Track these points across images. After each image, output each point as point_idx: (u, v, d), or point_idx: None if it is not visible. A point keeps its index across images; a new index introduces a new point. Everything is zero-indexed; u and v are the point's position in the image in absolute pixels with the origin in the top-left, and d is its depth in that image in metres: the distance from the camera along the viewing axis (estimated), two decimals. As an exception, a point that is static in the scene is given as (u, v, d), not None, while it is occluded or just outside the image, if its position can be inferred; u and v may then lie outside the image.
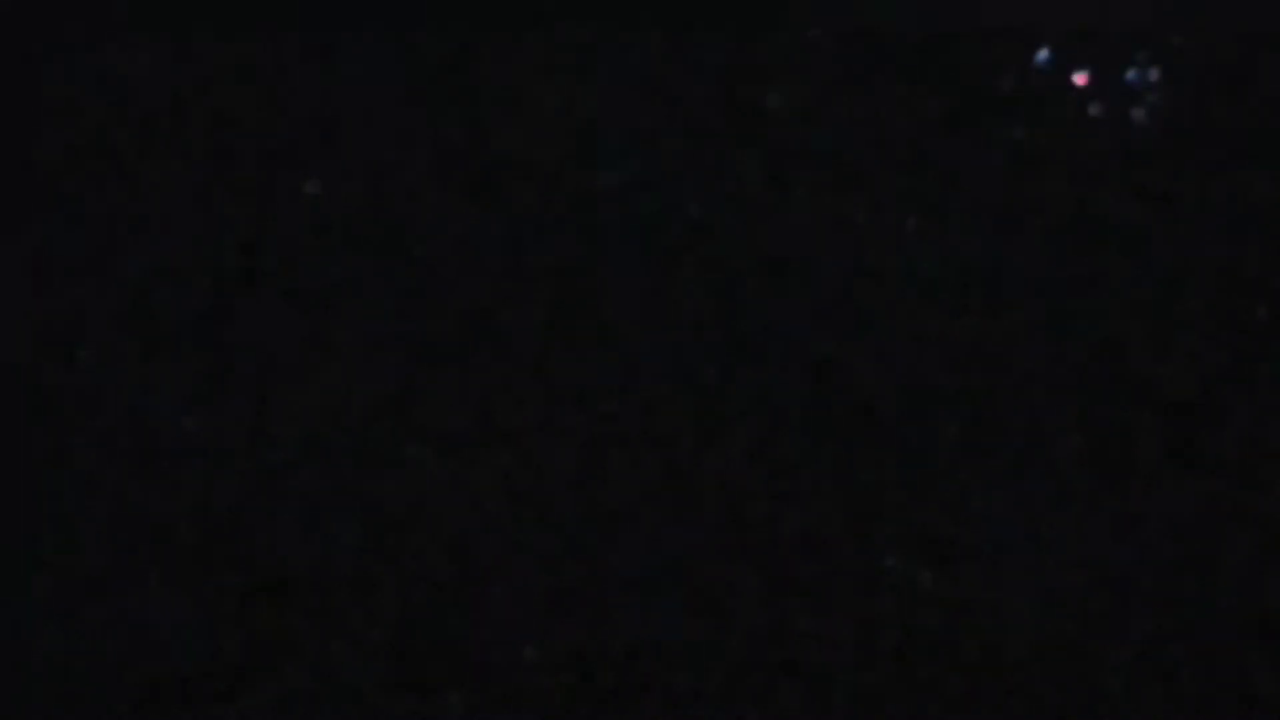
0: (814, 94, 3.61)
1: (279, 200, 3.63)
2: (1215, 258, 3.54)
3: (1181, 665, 3.46)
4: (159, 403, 3.59)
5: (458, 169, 3.63)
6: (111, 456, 3.59)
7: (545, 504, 3.56)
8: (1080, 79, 3.56)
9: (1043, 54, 3.56)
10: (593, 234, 3.60)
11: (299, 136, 3.64)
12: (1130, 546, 3.50)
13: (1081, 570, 3.50)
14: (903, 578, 3.51)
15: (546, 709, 3.51)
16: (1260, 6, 3.56)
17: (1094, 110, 3.57)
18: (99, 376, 3.61)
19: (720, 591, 3.53)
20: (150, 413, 3.59)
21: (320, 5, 3.62)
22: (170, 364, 3.61)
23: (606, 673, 3.52)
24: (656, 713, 3.51)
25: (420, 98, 3.64)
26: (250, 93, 3.64)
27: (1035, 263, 3.56)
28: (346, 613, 3.55)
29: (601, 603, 3.53)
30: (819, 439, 3.55)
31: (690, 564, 3.54)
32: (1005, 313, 3.57)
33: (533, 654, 3.52)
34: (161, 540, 3.57)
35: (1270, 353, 3.52)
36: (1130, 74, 3.56)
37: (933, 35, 3.59)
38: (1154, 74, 3.56)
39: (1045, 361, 3.56)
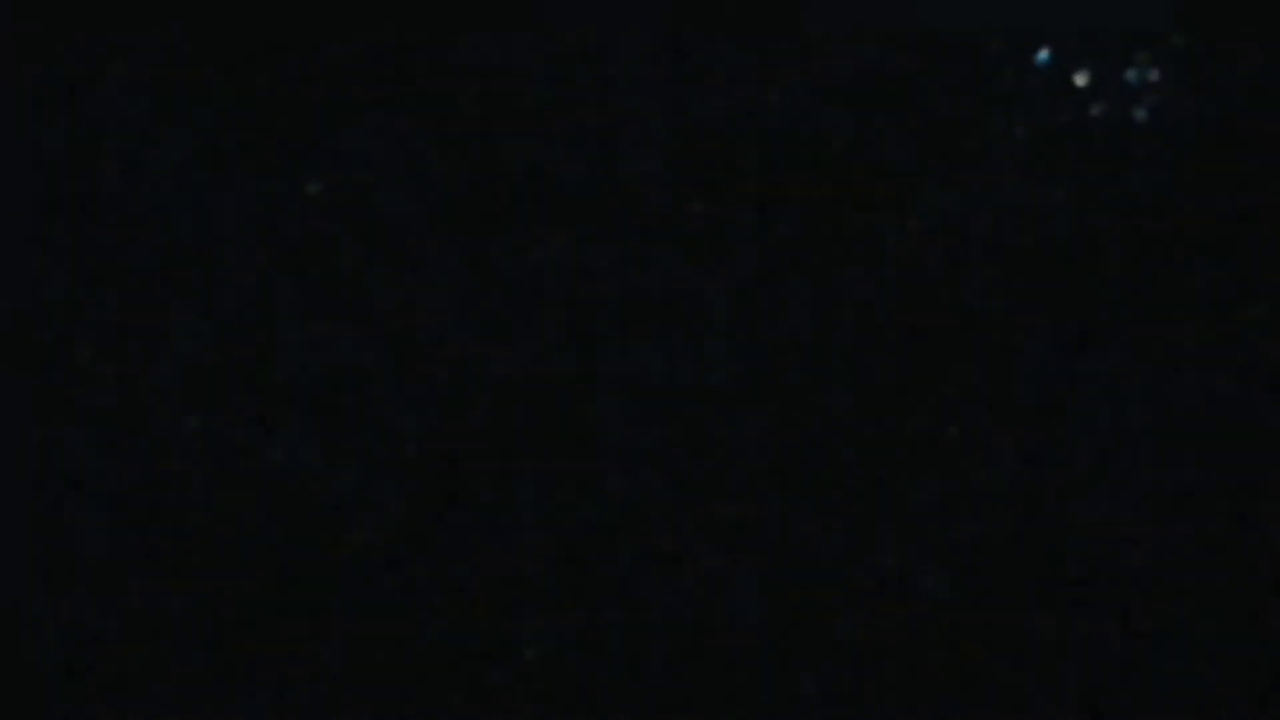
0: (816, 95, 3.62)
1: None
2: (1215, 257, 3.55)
3: (1179, 666, 3.47)
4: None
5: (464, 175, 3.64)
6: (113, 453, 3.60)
7: (544, 503, 3.57)
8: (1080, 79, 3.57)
9: (1043, 54, 3.56)
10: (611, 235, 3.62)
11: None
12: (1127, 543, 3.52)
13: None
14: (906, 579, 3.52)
15: (547, 707, 3.52)
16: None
17: (1095, 110, 3.57)
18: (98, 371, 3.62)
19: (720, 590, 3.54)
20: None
21: None
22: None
23: (607, 672, 3.53)
24: (656, 713, 3.52)
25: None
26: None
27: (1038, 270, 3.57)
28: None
29: (601, 602, 3.54)
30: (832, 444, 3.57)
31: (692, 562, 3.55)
32: (1007, 315, 3.58)
33: (532, 653, 3.54)
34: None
35: (1272, 351, 3.52)
36: (1130, 74, 3.56)
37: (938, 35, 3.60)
38: (1155, 74, 3.56)
39: (1048, 361, 3.56)
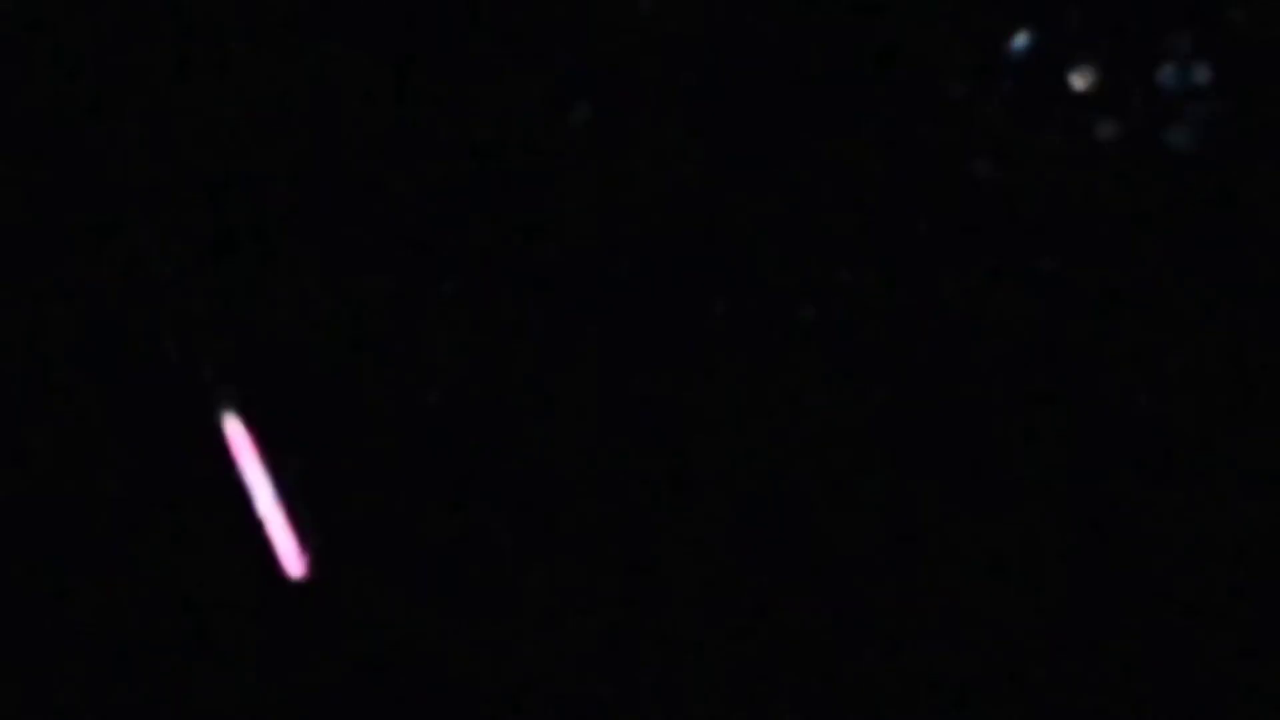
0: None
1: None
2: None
3: (1171, 666, 3.46)
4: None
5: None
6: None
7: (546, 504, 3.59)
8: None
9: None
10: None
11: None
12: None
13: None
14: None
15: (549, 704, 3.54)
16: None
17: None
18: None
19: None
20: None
21: None
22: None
23: (614, 667, 3.54)
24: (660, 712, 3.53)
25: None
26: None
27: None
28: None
29: (608, 600, 3.56)
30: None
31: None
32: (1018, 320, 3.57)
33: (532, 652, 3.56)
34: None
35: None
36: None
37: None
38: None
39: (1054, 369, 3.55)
